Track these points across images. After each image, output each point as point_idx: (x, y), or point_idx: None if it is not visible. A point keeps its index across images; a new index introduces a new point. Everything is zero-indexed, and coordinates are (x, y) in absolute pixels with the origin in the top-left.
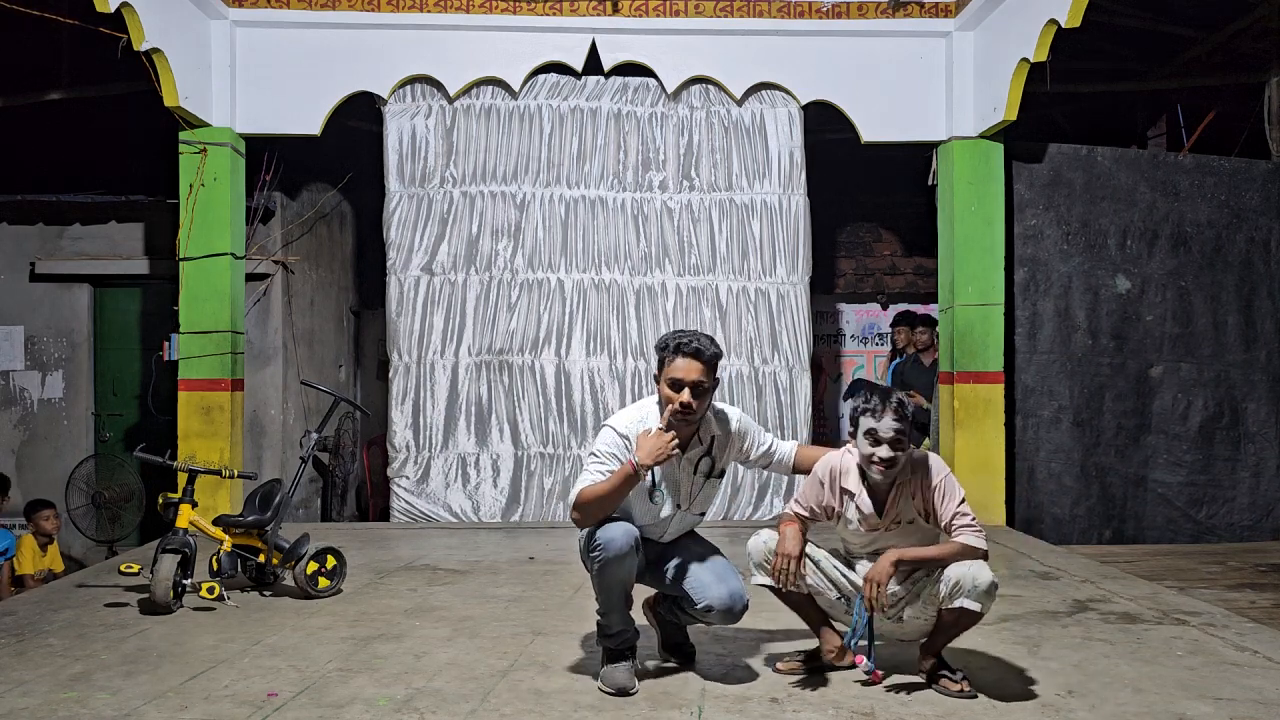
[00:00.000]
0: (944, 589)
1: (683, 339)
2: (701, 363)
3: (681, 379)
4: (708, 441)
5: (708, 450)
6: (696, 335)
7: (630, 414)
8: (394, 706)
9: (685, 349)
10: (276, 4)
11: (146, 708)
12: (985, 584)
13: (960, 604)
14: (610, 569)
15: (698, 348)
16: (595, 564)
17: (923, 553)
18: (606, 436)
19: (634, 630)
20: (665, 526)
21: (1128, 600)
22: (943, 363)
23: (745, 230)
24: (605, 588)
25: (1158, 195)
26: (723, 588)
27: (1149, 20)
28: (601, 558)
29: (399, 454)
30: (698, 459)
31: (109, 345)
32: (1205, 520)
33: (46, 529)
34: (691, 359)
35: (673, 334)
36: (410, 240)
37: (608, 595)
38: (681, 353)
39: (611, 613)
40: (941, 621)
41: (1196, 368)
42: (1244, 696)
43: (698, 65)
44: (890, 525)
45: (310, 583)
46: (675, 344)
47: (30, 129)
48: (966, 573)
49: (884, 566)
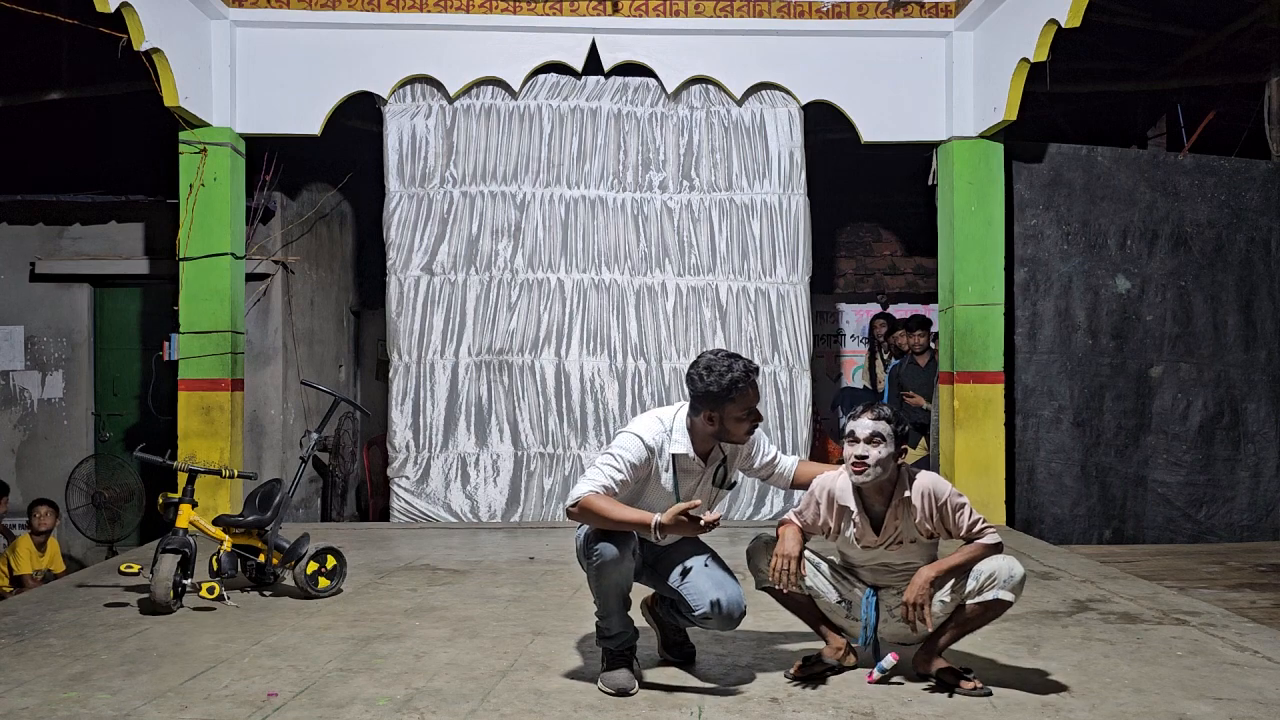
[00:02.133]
0: (974, 583)
1: (748, 371)
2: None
3: (756, 404)
4: (726, 452)
5: (724, 461)
6: (739, 358)
7: (655, 427)
8: (394, 706)
9: (754, 376)
10: (276, 4)
11: (146, 708)
12: (1020, 575)
13: (995, 595)
14: (607, 572)
15: (757, 368)
16: (593, 567)
17: (951, 563)
18: (633, 445)
19: (633, 630)
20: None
21: (1128, 600)
22: (943, 363)
23: (745, 230)
24: (602, 591)
25: (1158, 195)
26: (720, 594)
27: (1149, 20)
28: (599, 561)
29: (399, 454)
30: (715, 470)
31: (109, 345)
32: (1205, 520)
33: (39, 526)
34: (756, 383)
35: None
36: (410, 240)
37: (605, 598)
38: (753, 384)
39: (610, 615)
40: (964, 616)
41: (1196, 368)
42: (1244, 696)
43: (698, 65)
44: (890, 544)
45: (310, 583)
46: (744, 378)
47: (30, 129)
48: (1001, 565)
49: (921, 587)
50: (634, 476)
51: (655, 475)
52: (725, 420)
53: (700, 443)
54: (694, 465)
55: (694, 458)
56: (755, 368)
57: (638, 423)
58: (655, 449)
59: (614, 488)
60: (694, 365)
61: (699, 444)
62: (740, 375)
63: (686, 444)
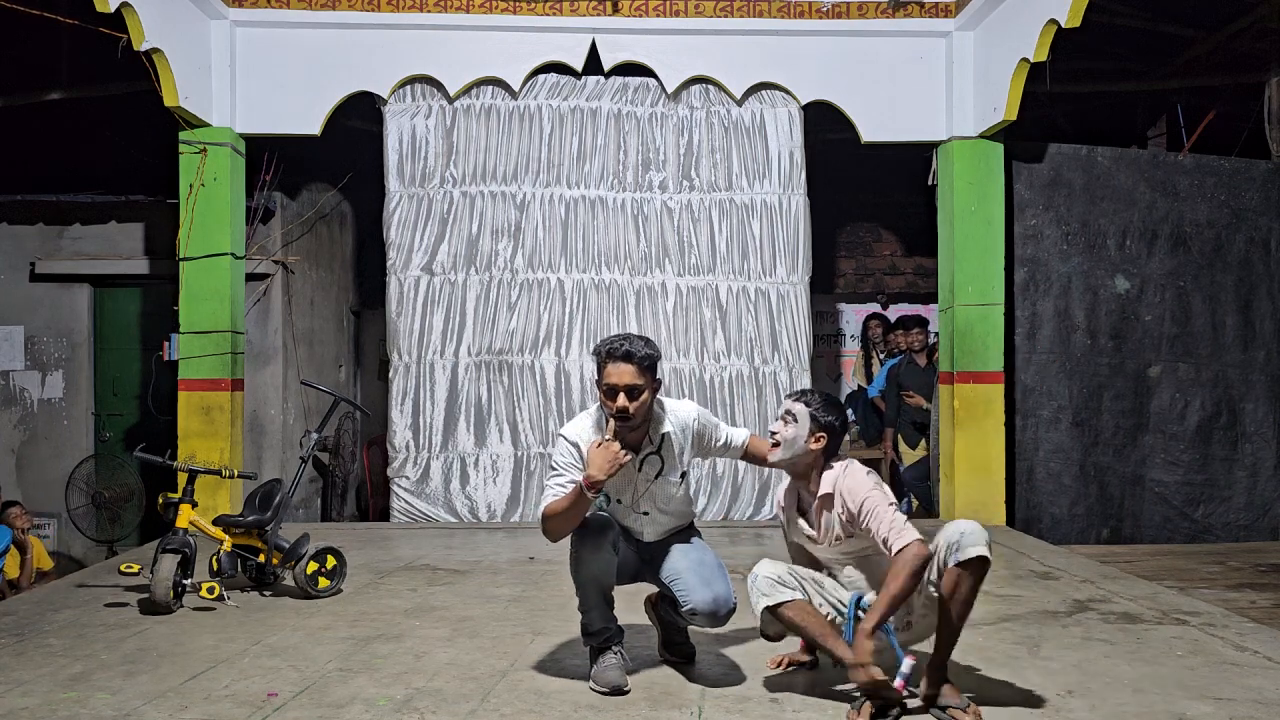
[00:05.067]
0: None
1: (614, 344)
2: (633, 364)
3: (615, 384)
4: (657, 440)
5: (657, 449)
6: (629, 338)
7: (580, 421)
8: (394, 706)
9: (616, 353)
10: (276, 4)
11: (146, 708)
12: (976, 529)
13: (971, 554)
14: (583, 566)
15: (628, 350)
16: (571, 562)
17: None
18: (560, 447)
19: (616, 628)
20: (640, 526)
21: (1128, 600)
22: (943, 363)
23: (745, 230)
24: (581, 584)
25: (1157, 195)
26: (707, 591)
27: (1149, 20)
28: (575, 554)
29: (399, 454)
30: (643, 459)
31: (109, 345)
32: (1202, 519)
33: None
34: (622, 362)
35: (605, 340)
36: (410, 240)
37: (583, 591)
38: (612, 358)
39: (590, 610)
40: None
41: (1195, 368)
42: (1244, 696)
43: (698, 65)
44: (831, 541)
45: (310, 583)
46: (606, 349)
47: (30, 129)
48: (952, 530)
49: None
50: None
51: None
52: (600, 401)
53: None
54: None
55: None
56: (621, 346)
57: (568, 424)
58: (578, 441)
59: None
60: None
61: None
62: (604, 348)
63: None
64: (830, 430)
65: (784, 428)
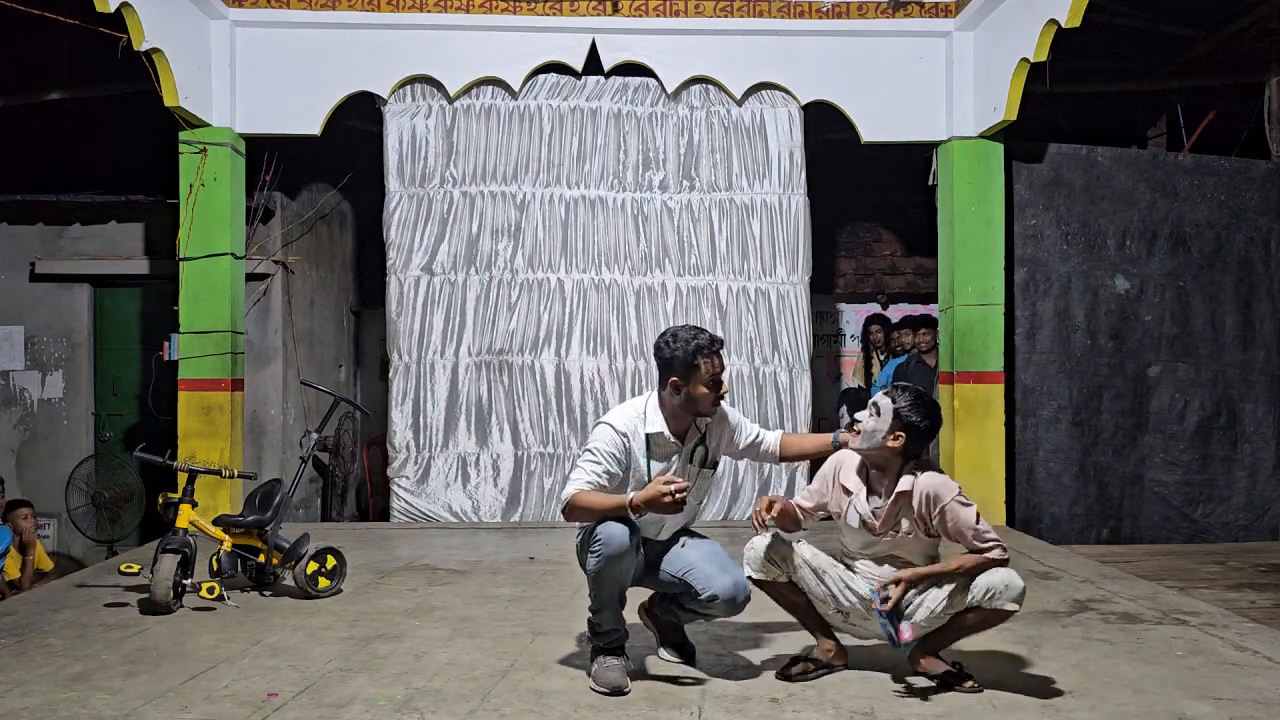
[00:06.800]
0: (972, 597)
1: (708, 339)
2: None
3: (719, 375)
4: (703, 429)
5: (702, 439)
6: (704, 330)
7: (627, 412)
8: (394, 706)
9: (717, 346)
10: (276, 4)
11: (146, 708)
12: (1019, 588)
13: (997, 606)
14: (609, 566)
15: (721, 340)
16: (593, 560)
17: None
18: (605, 435)
19: (624, 630)
20: (663, 520)
21: (1128, 600)
22: (943, 363)
23: (745, 230)
24: (600, 584)
25: (1157, 195)
26: (726, 578)
27: (1149, 20)
28: (601, 554)
29: (399, 454)
30: (693, 448)
31: (109, 345)
32: (1201, 519)
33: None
34: (720, 353)
35: (688, 335)
36: (410, 240)
37: (602, 592)
38: (714, 352)
39: (603, 610)
40: (964, 622)
41: (1194, 368)
42: (1244, 696)
43: (698, 65)
44: (889, 532)
45: (310, 583)
46: (708, 345)
47: (30, 129)
48: (998, 580)
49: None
50: (617, 466)
51: (634, 461)
52: (691, 388)
53: (673, 420)
54: (670, 444)
55: (669, 436)
56: (720, 340)
57: (611, 413)
58: (629, 433)
59: (598, 482)
60: (661, 336)
61: (672, 421)
62: (705, 343)
63: (660, 422)
64: (910, 430)
65: (868, 418)
